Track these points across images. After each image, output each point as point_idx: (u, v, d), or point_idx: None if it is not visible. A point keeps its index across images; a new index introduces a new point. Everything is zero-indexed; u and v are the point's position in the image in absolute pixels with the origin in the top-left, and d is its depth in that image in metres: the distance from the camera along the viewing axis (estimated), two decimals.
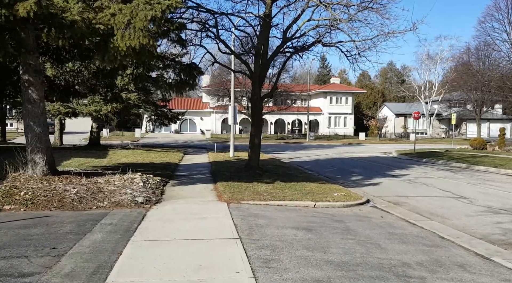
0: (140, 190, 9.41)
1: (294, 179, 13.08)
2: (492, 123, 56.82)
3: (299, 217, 7.72)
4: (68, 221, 6.74)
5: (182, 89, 10.56)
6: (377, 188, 12.63)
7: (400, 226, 7.41)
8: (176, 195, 9.78)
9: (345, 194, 10.31)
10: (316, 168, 18.23)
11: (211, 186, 11.25)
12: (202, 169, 15.69)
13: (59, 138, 25.79)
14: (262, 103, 14.56)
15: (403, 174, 16.40)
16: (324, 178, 14.47)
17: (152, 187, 10.20)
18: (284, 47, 14.85)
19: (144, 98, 20.55)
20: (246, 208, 8.33)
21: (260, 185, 11.17)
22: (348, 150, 32.41)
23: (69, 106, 20.05)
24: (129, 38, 7.48)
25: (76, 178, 10.00)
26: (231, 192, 9.92)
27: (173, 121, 25.10)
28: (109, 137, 41.89)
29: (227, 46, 13.92)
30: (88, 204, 8.08)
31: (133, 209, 7.98)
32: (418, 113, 27.94)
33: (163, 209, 8.13)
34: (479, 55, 38.79)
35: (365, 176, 15.60)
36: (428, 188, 12.79)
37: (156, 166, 15.29)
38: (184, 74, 10.23)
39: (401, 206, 9.87)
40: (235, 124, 21.52)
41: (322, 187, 11.38)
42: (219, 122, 54.94)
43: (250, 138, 14.58)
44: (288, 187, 11.15)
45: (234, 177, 12.55)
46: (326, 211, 8.59)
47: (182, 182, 12.07)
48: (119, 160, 17.46)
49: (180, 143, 36.96)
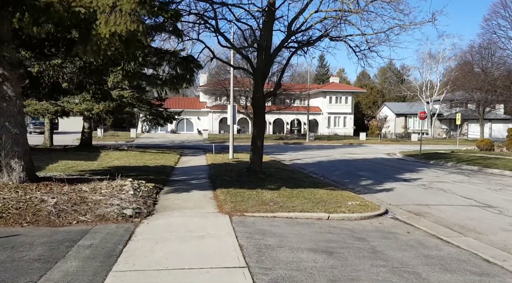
0: (129, 200, 8.27)
1: (301, 184, 11.98)
2: (494, 123, 55.92)
3: (314, 234, 6.60)
4: (40, 242, 5.59)
5: (178, 84, 9.41)
6: (392, 195, 11.54)
7: (434, 246, 6.30)
8: (171, 205, 8.64)
9: (360, 204, 9.21)
10: (320, 171, 17.14)
11: (210, 194, 10.12)
12: (200, 173, 14.55)
13: (49, 139, 24.56)
14: (265, 102, 13.44)
15: (415, 178, 15.32)
16: (332, 183, 13.37)
17: (144, 195, 9.05)
18: (288, 42, 13.74)
19: (138, 96, 19.38)
20: (252, 222, 7.21)
21: (264, 193, 10.05)
22: (350, 151, 31.34)
23: (58, 104, 18.85)
24: (115, 23, 6.34)
25: (58, 186, 8.85)
26: (233, 201, 8.79)
27: (169, 121, 23.93)
28: (103, 137, 40.63)
29: (227, 40, 12.79)
30: (67, 218, 6.92)
31: (120, 224, 6.83)
32: (424, 113, 26.91)
33: (155, 224, 6.98)
34: (484, 54, 37.79)
35: (375, 181, 14.51)
36: (447, 195, 11.71)
37: (150, 170, 14.14)
38: (180, 68, 9.09)
39: (425, 217, 8.78)
40: (235, 124, 20.40)
41: (333, 195, 10.27)
42: (217, 122, 53.78)
43: (252, 140, 13.46)
44: (295, 194, 10.04)
45: (235, 183, 11.43)
46: (343, 225, 7.48)
47: (178, 188, 10.93)
48: (110, 162, 16.29)
49: (177, 143, 35.77)
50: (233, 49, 14.50)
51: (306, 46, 13.78)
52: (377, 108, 64.48)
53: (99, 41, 6.61)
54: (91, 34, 6.69)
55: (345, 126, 57.68)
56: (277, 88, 13.78)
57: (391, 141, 47.26)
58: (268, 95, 13.60)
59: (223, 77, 45.86)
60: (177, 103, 51.84)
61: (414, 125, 58.58)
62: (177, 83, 9.22)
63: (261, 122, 13.47)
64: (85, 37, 6.92)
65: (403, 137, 51.77)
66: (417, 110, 56.81)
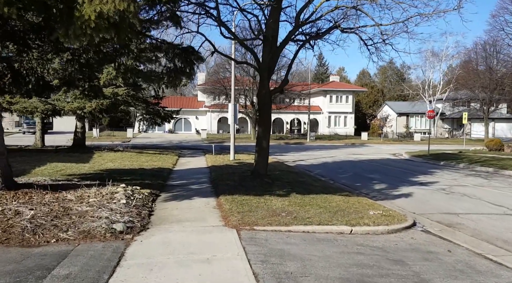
0: (121, 211, 7.15)
1: (311, 189, 10.89)
2: (497, 123, 54.99)
3: (341, 255, 5.50)
4: (4, 272, 4.47)
5: (177, 79, 8.28)
6: (412, 202, 10.46)
7: (488, 270, 5.22)
8: (169, 217, 7.52)
9: (383, 213, 8.12)
10: (328, 174, 16.07)
11: (213, 202, 9.01)
12: (200, 177, 13.43)
13: (41, 139, 23.36)
14: (271, 99, 12.34)
15: (431, 182, 14.24)
16: (344, 188, 12.29)
17: (138, 204, 7.94)
18: (296, 34, 12.65)
19: (134, 93, 18.24)
20: (264, 238, 6.11)
21: (273, 200, 8.95)
22: (354, 151, 30.28)
23: (49, 102, 17.69)
24: (101, 1, 5.22)
25: (39, 194, 7.73)
26: (240, 211, 7.68)
27: (166, 120, 22.77)
28: (99, 138, 39.43)
29: (229, 31, 11.67)
30: (44, 236, 5.80)
31: (108, 242, 5.72)
32: (433, 112, 25.85)
33: (150, 242, 5.87)
34: (491, 51, 36.76)
35: (389, 184, 13.43)
36: (473, 201, 10.64)
37: (146, 173, 13.02)
38: (179, 61, 7.97)
39: (459, 229, 7.70)
40: (236, 123, 19.29)
41: (349, 202, 9.19)
42: (215, 122, 52.60)
43: (257, 140, 12.36)
44: (308, 202, 8.95)
45: (239, 188, 10.33)
46: (371, 241, 6.39)
47: (177, 195, 9.80)
48: (103, 165, 15.15)
49: (175, 143, 34.62)
50: (236, 42, 13.38)
51: (315, 39, 12.68)
52: (378, 108, 63.48)
53: (84, 25, 5.48)
54: (73, 15, 5.58)
55: (345, 126, 56.60)
56: (284, 84, 12.67)
57: (393, 141, 46.24)
58: (274, 92, 12.50)
59: (222, 75, 44.76)
60: (174, 103, 50.58)
61: (416, 125, 57.63)
62: (176, 77, 8.09)
63: (267, 121, 12.37)
64: (67, 19, 5.80)
65: (405, 137, 50.72)
66: (420, 109, 55.89)
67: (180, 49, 8.11)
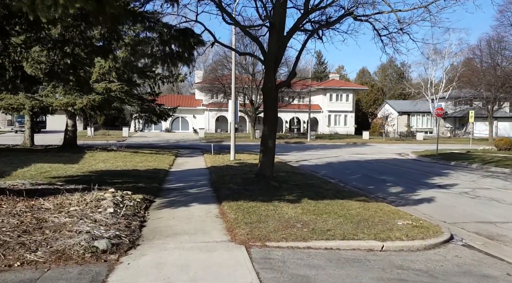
0: (107, 223, 5.99)
1: (323, 193, 9.77)
2: (500, 122, 54.04)
3: (378, 282, 4.36)
4: None
5: (173, 65, 7.07)
6: (436, 208, 9.34)
7: None
8: (164, 229, 6.35)
9: (413, 223, 6.98)
10: (336, 175, 14.95)
11: (215, 209, 7.85)
12: (200, 179, 12.26)
13: (30, 138, 22.11)
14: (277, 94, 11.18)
15: (450, 184, 13.14)
16: (358, 191, 11.18)
17: (128, 213, 6.78)
18: (304, 22, 11.51)
19: (128, 89, 17.04)
20: (281, 259, 4.96)
21: (284, 207, 7.81)
22: (357, 151, 29.21)
23: (36, 98, 16.47)
24: None
25: (11, 202, 6.56)
26: (248, 222, 6.52)
27: (162, 118, 21.57)
28: (93, 137, 38.12)
29: (231, 17, 10.52)
30: (7, 258, 4.63)
31: (86, 266, 4.55)
32: (442, 110, 24.78)
33: (139, 265, 4.71)
34: (497, 48, 35.74)
35: (405, 187, 12.32)
36: (504, 207, 9.53)
37: (140, 175, 11.85)
38: (176, 44, 6.80)
39: (503, 242, 6.58)
40: (236, 121, 18.13)
41: (370, 209, 8.06)
42: (213, 120, 51.35)
43: (262, 139, 11.21)
44: (324, 209, 7.82)
45: (244, 193, 9.18)
46: (410, 261, 5.25)
47: (173, 201, 8.63)
48: (94, 166, 13.96)
49: (172, 143, 33.42)
50: (236, 33, 12.21)
51: (327, 27, 11.54)
52: (378, 106, 62.44)
53: None
54: None
55: (346, 125, 55.49)
56: (292, 77, 11.52)
57: (395, 140, 45.20)
58: (281, 86, 11.36)
59: (220, 73, 43.58)
60: (172, 101, 49.30)
61: (417, 124, 56.64)
62: (172, 63, 6.89)
63: (273, 118, 11.22)
64: None
65: (407, 136, 49.65)
66: (421, 108, 54.84)
67: (177, 31, 6.93)
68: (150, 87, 20.89)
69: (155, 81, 19.79)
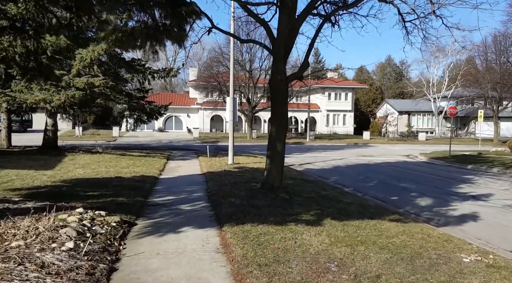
0: (59, 269, 4.09)
1: (346, 210, 7.96)
2: (503, 122, 52.62)
3: None
4: None
5: (159, 42, 5.04)
6: (489, 229, 7.56)
7: None
8: (142, 276, 4.45)
9: (483, 260, 5.16)
10: (348, 182, 13.18)
11: (215, 237, 5.96)
12: (194, 189, 10.35)
13: (7, 138, 20.03)
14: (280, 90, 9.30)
15: (484, 194, 11.37)
16: (384, 205, 9.41)
17: (94, 249, 4.88)
18: (318, 3, 9.66)
19: (113, 84, 15.11)
20: None
21: (305, 233, 5.96)
22: (361, 152, 27.47)
23: (7, 94, 14.49)
24: None
25: None
26: (262, 264, 4.64)
27: (153, 117, 19.60)
28: (81, 137, 35.99)
29: None
30: None
31: None
32: (455, 108, 23.11)
33: None
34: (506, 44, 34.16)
35: (434, 199, 10.54)
36: None
37: (123, 185, 9.91)
38: (163, 14, 4.90)
39: None
40: (235, 120, 16.24)
41: (415, 235, 6.24)
42: (208, 120, 49.35)
43: (270, 142, 9.35)
44: (355, 235, 5.99)
45: (249, 210, 7.31)
46: None
47: (160, 224, 6.72)
48: (71, 172, 12.00)
49: (164, 143, 31.44)
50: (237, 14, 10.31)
51: (345, 9, 9.70)
52: (377, 106, 60.81)
53: None
54: None
55: (344, 125, 53.77)
56: (305, 68, 9.63)
57: (397, 141, 43.52)
58: (293, 78, 9.50)
59: (215, 70, 41.57)
60: (164, 99, 47.23)
61: (418, 124, 55.05)
62: (156, 39, 4.98)
63: (282, 116, 9.33)
64: None
65: (408, 136, 48.01)
66: (422, 107, 53.26)
67: None
68: (140, 82, 18.92)
69: (144, 76, 17.83)
